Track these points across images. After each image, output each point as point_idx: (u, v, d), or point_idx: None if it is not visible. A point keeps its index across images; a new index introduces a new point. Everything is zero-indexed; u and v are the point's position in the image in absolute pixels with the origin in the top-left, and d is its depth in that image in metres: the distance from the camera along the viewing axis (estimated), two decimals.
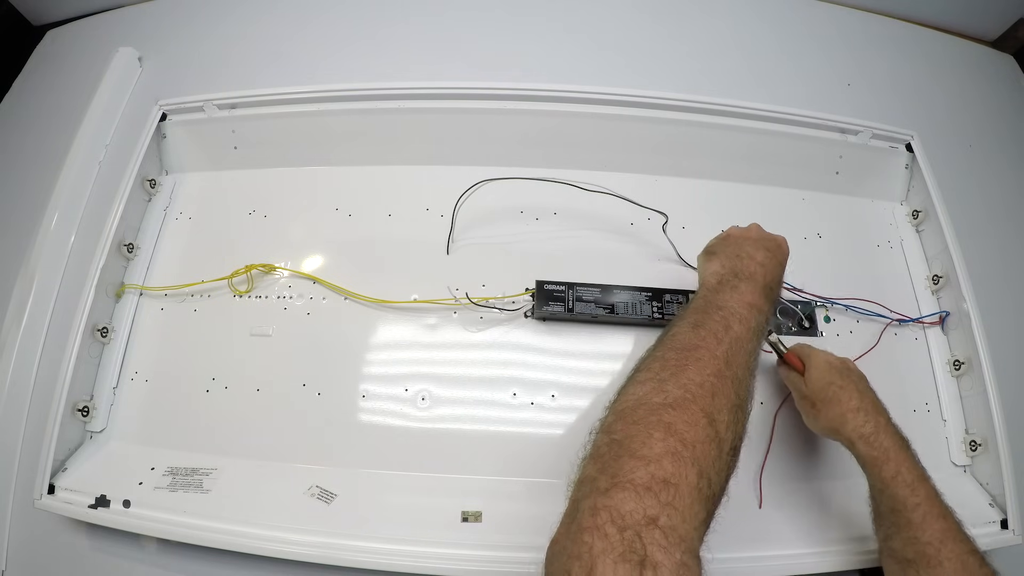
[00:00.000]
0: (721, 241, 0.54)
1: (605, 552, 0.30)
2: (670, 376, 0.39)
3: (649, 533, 0.30)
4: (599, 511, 0.31)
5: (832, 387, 0.51)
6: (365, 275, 0.64)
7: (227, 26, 0.87)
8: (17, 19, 0.96)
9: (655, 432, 0.35)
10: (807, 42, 0.89)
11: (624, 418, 0.37)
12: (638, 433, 0.35)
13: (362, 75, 0.79)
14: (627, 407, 0.38)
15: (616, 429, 0.37)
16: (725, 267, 0.50)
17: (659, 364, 0.40)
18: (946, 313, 0.65)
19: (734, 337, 0.43)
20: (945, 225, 0.66)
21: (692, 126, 0.70)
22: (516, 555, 0.51)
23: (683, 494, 0.33)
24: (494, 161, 0.69)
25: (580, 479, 0.36)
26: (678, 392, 0.37)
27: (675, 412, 0.36)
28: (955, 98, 0.87)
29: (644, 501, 0.31)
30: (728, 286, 0.48)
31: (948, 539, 0.43)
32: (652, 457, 0.33)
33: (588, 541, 0.30)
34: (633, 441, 0.35)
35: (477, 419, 0.59)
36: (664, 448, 0.34)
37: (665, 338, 0.44)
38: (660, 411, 0.36)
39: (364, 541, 0.51)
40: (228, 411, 0.60)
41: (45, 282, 0.65)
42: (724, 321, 0.44)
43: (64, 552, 0.56)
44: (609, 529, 0.30)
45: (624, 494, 0.32)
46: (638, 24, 0.87)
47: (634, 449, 0.34)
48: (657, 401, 0.37)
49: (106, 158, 0.74)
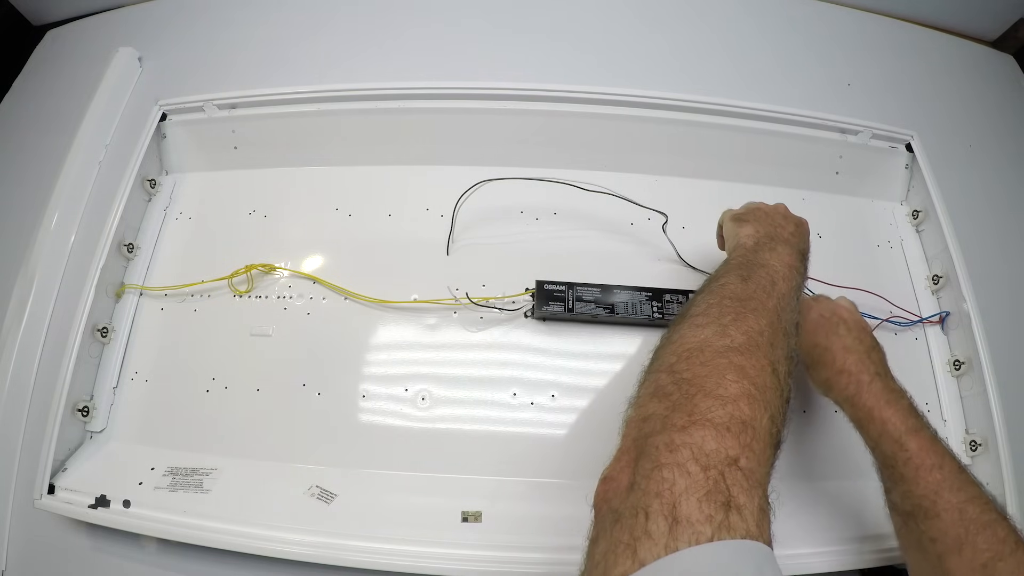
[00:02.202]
0: (752, 210, 0.55)
1: (689, 490, 0.28)
2: (731, 322, 0.38)
3: (732, 474, 0.29)
4: (678, 448, 0.30)
5: (817, 349, 0.50)
6: (365, 275, 0.64)
7: (227, 26, 0.87)
8: (17, 19, 0.96)
9: (728, 374, 0.34)
10: (807, 42, 0.89)
11: (690, 359, 0.36)
12: (711, 373, 0.35)
13: (362, 75, 0.79)
14: (691, 348, 0.37)
15: (682, 368, 0.36)
16: (760, 231, 0.51)
17: (716, 310, 0.40)
18: (946, 313, 0.65)
19: (780, 293, 0.43)
20: (945, 225, 0.66)
21: (692, 126, 0.70)
22: (516, 555, 0.51)
23: (759, 437, 0.32)
24: (494, 161, 0.69)
25: (643, 416, 0.35)
26: (742, 338, 0.37)
27: (743, 356, 0.36)
28: (955, 98, 0.87)
29: (725, 441, 0.31)
30: (766, 248, 0.48)
31: (943, 489, 0.42)
32: (729, 397, 0.33)
33: (668, 478, 0.29)
34: (707, 381, 0.34)
35: (477, 419, 0.59)
36: (739, 390, 0.33)
37: (714, 287, 0.44)
38: (728, 354, 0.36)
39: (364, 541, 0.51)
40: (228, 411, 0.60)
41: (45, 282, 0.65)
42: (770, 277, 0.44)
43: (64, 552, 0.56)
44: (692, 467, 0.29)
45: (704, 432, 0.31)
46: (638, 24, 0.87)
47: (709, 388, 0.33)
48: (723, 344, 0.37)
49: (106, 158, 0.74)
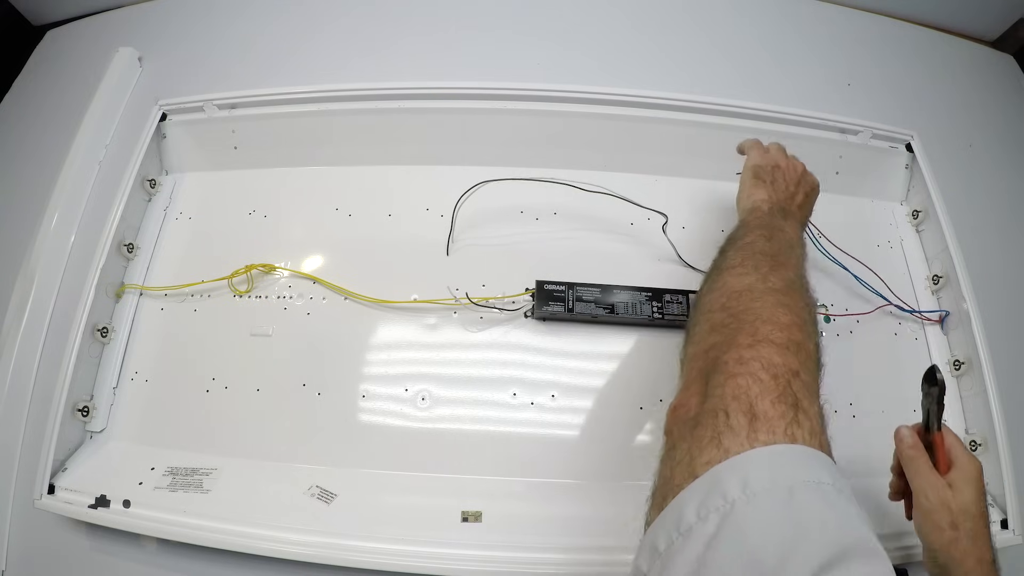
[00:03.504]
0: (771, 169, 0.57)
1: (763, 393, 0.32)
2: (769, 271, 0.42)
3: (796, 382, 0.33)
4: (748, 361, 0.34)
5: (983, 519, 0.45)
6: (365, 275, 0.64)
7: (227, 26, 0.87)
8: (17, 19, 0.96)
9: (779, 308, 0.38)
10: (807, 42, 0.89)
11: (740, 297, 0.40)
12: (764, 307, 0.39)
13: (362, 75, 0.79)
14: (739, 290, 0.41)
15: (734, 306, 0.40)
16: (772, 200, 0.54)
17: (752, 262, 0.44)
18: (946, 313, 0.65)
19: (798, 255, 0.47)
20: (945, 225, 0.66)
21: (692, 126, 0.70)
22: (516, 555, 0.51)
23: (811, 358, 0.36)
24: (494, 161, 0.69)
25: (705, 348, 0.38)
26: (781, 283, 0.41)
27: (787, 296, 0.40)
28: (955, 98, 0.87)
29: (787, 357, 0.35)
30: (779, 215, 0.52)
31: None
32: (784, 324, 0.37)
33: (743, 384, 0.33)
34: (762, 311, 0.38)
35: (477, 419, 0.59)
36: (791, 320, 0.38)
37: (741, 244, 0.48)
38: (775, 294, 0.40)
39: (364, 541, 0.51)
40: (228, 411, 0.60)
41: (45, 282, 0.65)
42: (788, 241, 0.48)
43: (64, 552, 0.56)
44: (763, 375, 0.33)
45: (770, 348, 0.35)
46: (638, 24, 0.87)
47: (766, 317, 0.38)
48: (767, 287, 0.41)
49: (106, 158, 0.74)
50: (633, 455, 0.58)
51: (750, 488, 0.28)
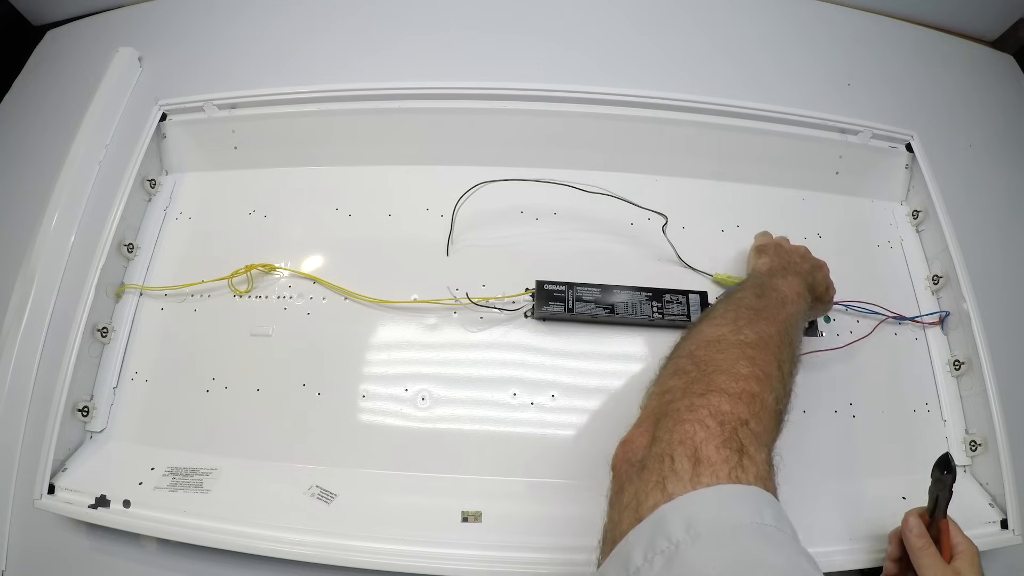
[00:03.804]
0: (774, 246, 0.60)
1: (708, 439, 0.33)
2: (745, 324, 0.44)
3: (743, 431, 0.34)
4: (698, 408, 0.35)
5: None
6: (365, 275, 0.64)
7: (227, 26, 0.87)
8: (17, 19, 0.96)
9: (741, 360, 0.40)
10: (807, 42, 0.89)
11: (708, 347, 0.42)
12: (726, 358, 0.40)
13: (362, 75, 0.79)
14: (710, 339, 0.43)
15: (700, 354, 0.41)
16: (775, 262, 0.57)
17: (733, 315, 0.45)
18: (946, 313, 0.65)
19: (788, 312, 0.48)
20: (945, 225, 0.66)
21: (692, 126, 0.70)
22: (516, 555, 0.51)
23: (766, 409, 0.37)
24: (494, 161, 0.69)
25: (663, 390, 0.40)
26: (754, 337, 0.42)
27: (754, 350, 0.41)
28: (955, 98, 0.87)
29: (738, 406, 0.36)
30: (779, 275, 0.54)
31: None
32: (741, 376, 0.38)
33: (690, 430, 0.34)
34: (722, 363, 0.40)
35: (477, 419, 0.59)
36: (750, 372, 0.39)
37: (731, 299, 0.50)
38: (742, 347, 0.41)
39: (364, 541, 0.51)
40: (228, 411, 0.60)
41: (45, 282, 0.65)
42: (780, 298, 0.50)
43: (64, 552, 0.56)
44: (710, 422, 0.34)
45: (720, 398, 0.36)
46: (638, 24, 0.87)
47: (724, 368, 0.39)
48: (737, 339, 0.42)
49: (106, 158, 0.74)
50: None
51: (693, 529, 0.28)
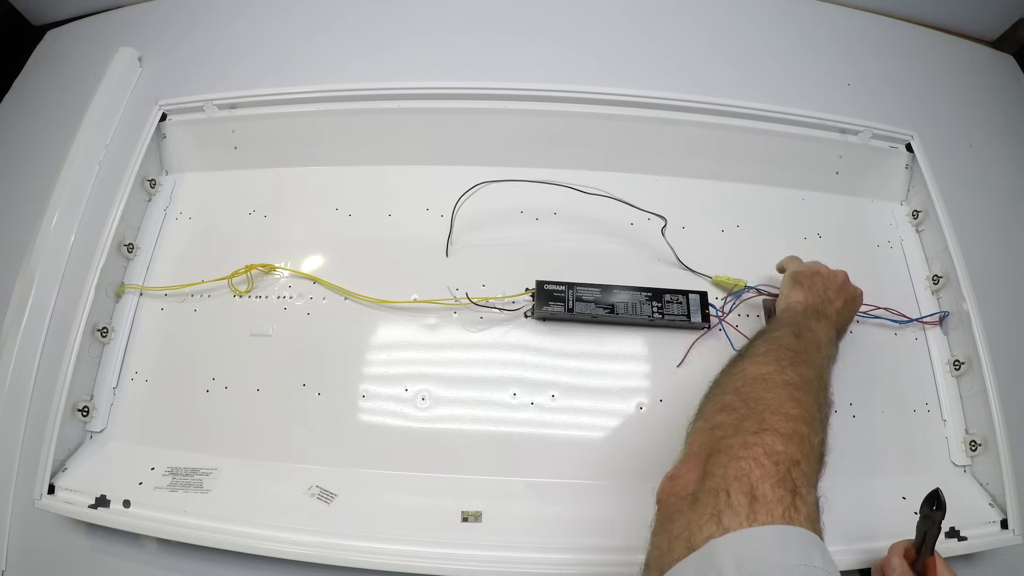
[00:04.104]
0: (810, 275, 0.59)
1: (764, 477, 0.34)
2: (788, 365, 0.44)
3: (796, 471, 0.35)
4: (752, 446, 0.36)
5: None
6: (365, 275, 0.64)
7: (227, 26, 0.87)
8: (17, 19, 0.96)
9: (788, 401, 0.40)
10: (807, 42, 0.89)
11: (755, 384, 0.42)
12: (775, 397, 0.41)
13: (362, 75, 0.79)
14: (755, 376, 0.43)
15: (748, 391, 0.42)
16: (808, 301, 0.56)
17: (775, 354, 0.46)
18: (946, 313, 0.65)
19: (823, 357, 0.49)
20: (945, 225, 0.66)
21: (692, 126, 0.70)
22: (516, 555, 0.51)
23: (814, 451, 0.38)
24: (494, 161, 0.69)
25: (712, 426, 0.40)
26: (797, 378, 0.43)
27: (799, 391, 0.42)
28: (955, 98, 0.87)
29: (790, 447, 0.36)
30: (813, 316, 0.54)
31: None
32: (791, 416, 0.39)
33: (745, 468, 0.35)
34: (772, 401, 0.40)
35: (477, 419, 0.59)
36: (799, 413, 0.39)
37: (769, 337, 0.50)
38: (788, 387, 0.42)
39: (364, 541, 0.51)
40: (228, 411, 0.60)
41: (45, 282, 0.65)
42: (816, 342, 0.50)
43: (64, 552, 0.56)
44: (764, 461, 0.35)
45: (774, 438, 0.37)
46: (638, 24, 0.87)
47: (775, 407, 0.39)
48: (783, 379, 0.43)
49: (106, 158, 0.74)
50: (633, 455, 0.58)
51: (744, 568, 0.29)
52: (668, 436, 0.59)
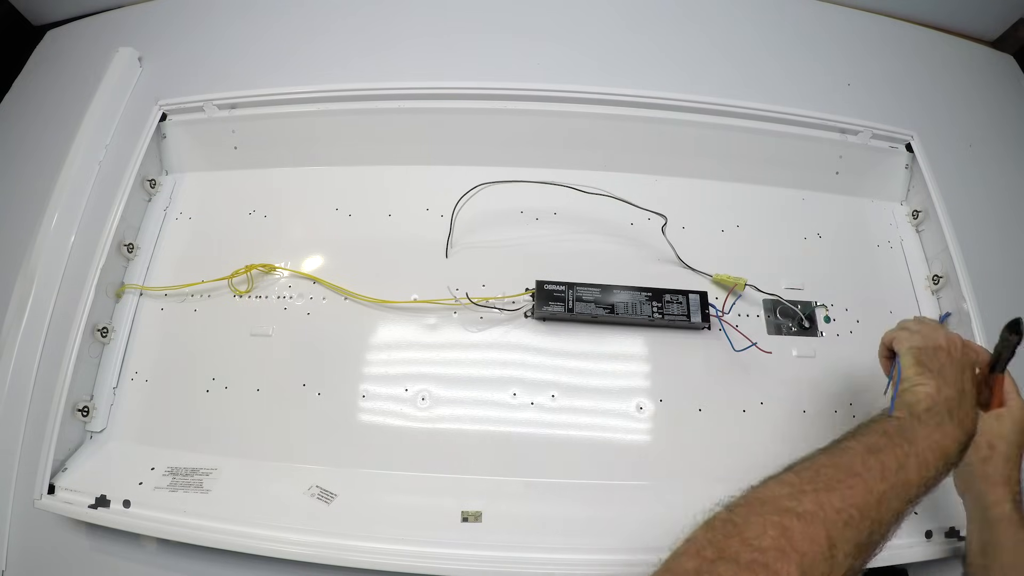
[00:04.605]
0: (934, 351, 0.49)
1: None
2: (812, 490, 0.39)
3: None
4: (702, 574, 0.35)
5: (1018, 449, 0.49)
6: (365, 275, 0.64)
7: (227, 26, 0.87)
8: (17, 19, 0.96)
9: (771, 530, 0.37)
10: (807, 42, 0.89)
11: (750, 505, 0.39)
12: (756, 523, 0.37)
13: (362, 75, 0.79)
14: (759, 498, 0.40)
15: (738, 511, 0.39)
16: (940, 396, 0.46)
17: (810, 474, 0.41)
18: (946, 313, 0.65)
19: (902, 480, 0.41)
20: (945, 225, 0.66)
21: (692, 126, 0.70)
22: (516, 555, 0.51)
23: None
24: (494, 161, 0.69)
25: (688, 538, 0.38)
26: (811, 507, 0.38)
27: (799, 522, 0.37)
28: (955, 98, 0.87)
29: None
30: (933, 422, 0.44)
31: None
32: (760, 547, 0.36)
33: None
34: (749, 528, 0.37)
35: (477, 419, 0.59)
36: (773, 544, 0.36)
37: (835, 448, 0.43)
38: (785, 514, 0.38)
39: (364, 541, 0.51)
40: (228, 411, 0.60)
41: (45, 282, 0.65)
42: (902, 460, 0.41)
43: (64, 552, 0.56)
44: None
45: (726, 567, 0.35)
46: (638, 24, 0.87)
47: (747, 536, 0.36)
48: (787, 505, 0.38)
49: (106, 158, 0.74)
50: (633, 455, 0.58)
51: None
52: (668, 436, 0.59)
